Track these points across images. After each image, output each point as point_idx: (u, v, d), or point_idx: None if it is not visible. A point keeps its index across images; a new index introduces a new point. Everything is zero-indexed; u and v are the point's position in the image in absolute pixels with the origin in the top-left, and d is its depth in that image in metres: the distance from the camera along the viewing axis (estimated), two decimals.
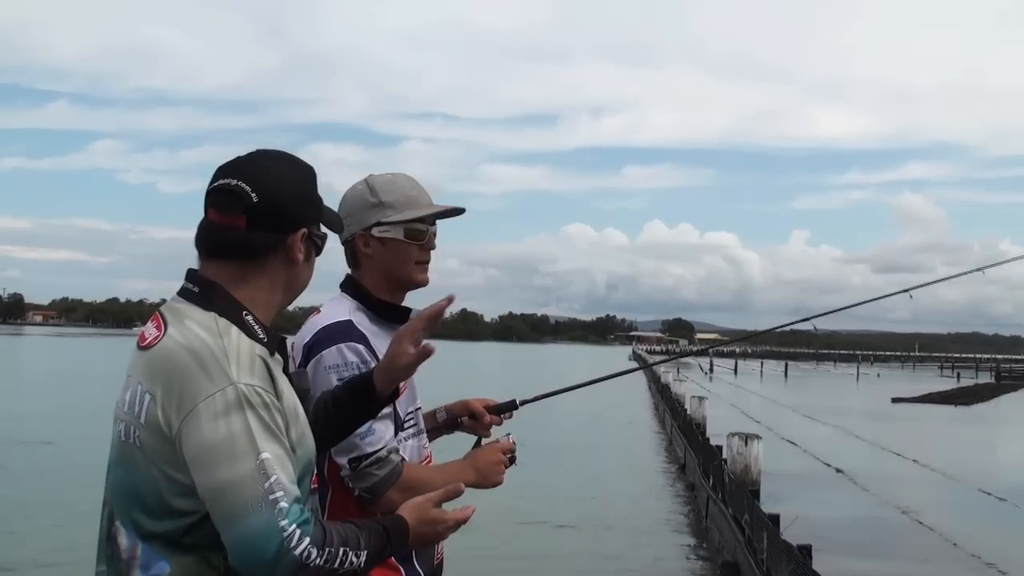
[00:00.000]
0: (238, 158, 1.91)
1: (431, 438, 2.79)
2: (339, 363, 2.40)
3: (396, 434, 2.48)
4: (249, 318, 1.83)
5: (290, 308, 2.14)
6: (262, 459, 1.68)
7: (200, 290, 1.84)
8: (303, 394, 1.95)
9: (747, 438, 13.10)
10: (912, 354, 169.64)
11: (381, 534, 1.85)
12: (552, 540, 13.50)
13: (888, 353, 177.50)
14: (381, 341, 2.46)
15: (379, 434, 2.41)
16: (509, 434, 2.76)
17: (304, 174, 1.94)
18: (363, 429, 2.36)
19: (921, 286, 4.04)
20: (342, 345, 2.43)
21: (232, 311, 1.82)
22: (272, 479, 1.67)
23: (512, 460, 2.68)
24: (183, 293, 1.86)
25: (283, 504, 1.67)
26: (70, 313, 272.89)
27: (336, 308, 2.54)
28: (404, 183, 2.61)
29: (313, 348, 2.44)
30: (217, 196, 1.85)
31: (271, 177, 1.87)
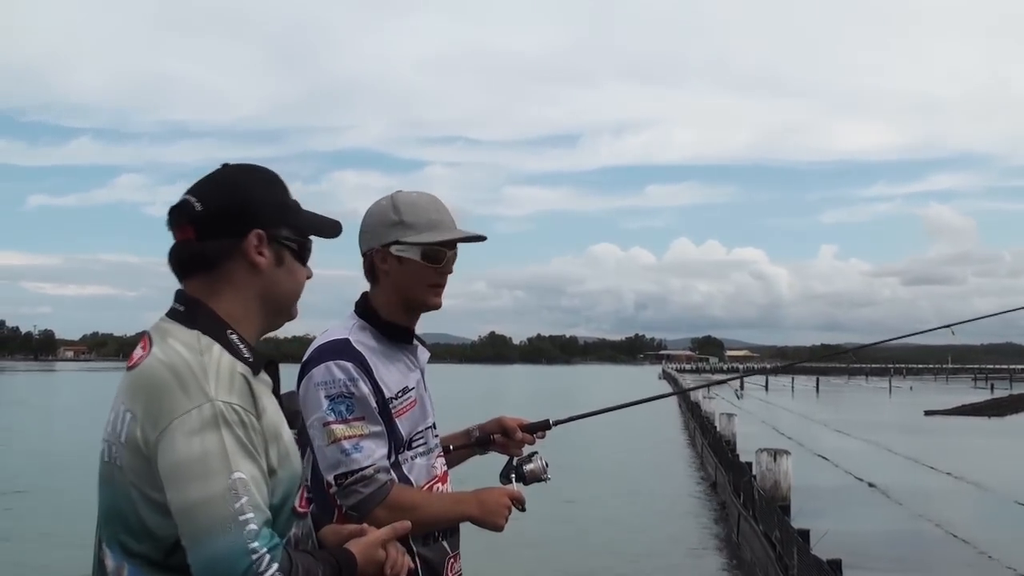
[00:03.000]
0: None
1: (464, 457, 2.83)
2: (327, 380, 2.40)
3: (393, 454, 2.46)
4: (234, 337, 1.80)
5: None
6: (235, 479, 1.64)
7: (185, 309, 1.82)
8: (292, 415, 1.94)
9: (776, 454, 13.07)
10: (945, 366, 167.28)
11: (335, 568, 1.81)
12: (585, 560, 13.48)
13: (921, 366, 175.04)
14: (385, 360, 2.50)
15: (367, 451, 2.39)
16: (537, 452, 2.78)
17: (261, 177, 1.89)
18: (349, 446, 2.36)
19: (962, 321, 3.93)
20: (331, 363, 2.42)
21: (216, 329, 1.79)
22: (243, 500, 1.63)
23: (521, 508, 2.62)
24: (171, 313, 1.84)
25: (253, 526, 1.63)
26: (101, 348, 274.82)
27: (337, 328, 2.55)
28: (428, 205, 2.60)
29: (305, 367, 2.46)
30: (169, 215, 1.85)
31: (218, 184, 1.85)
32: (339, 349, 2.45)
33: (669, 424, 37.79)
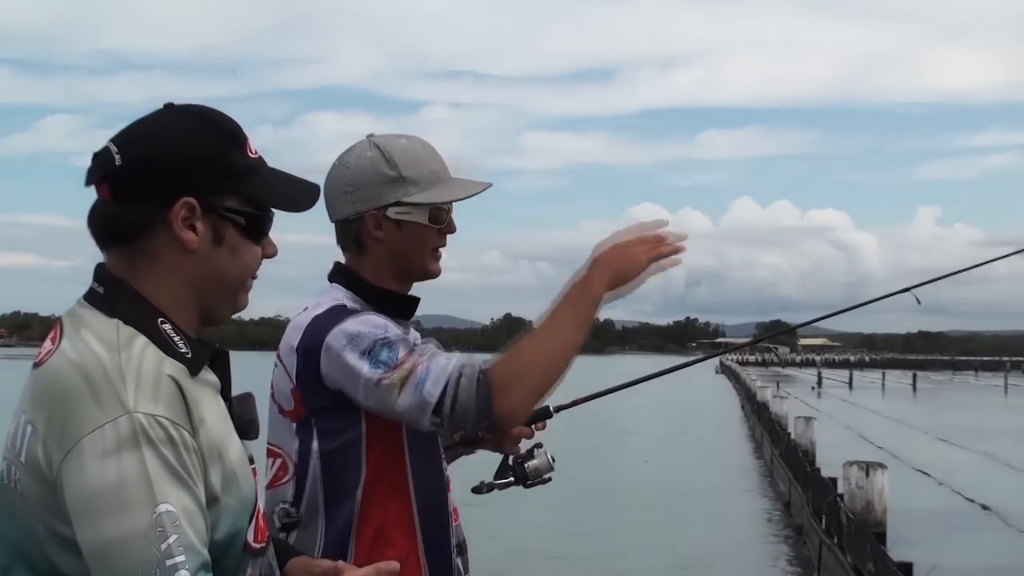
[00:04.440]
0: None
1: (448, 460, 2.83)
2: (352, 338, 2.44)
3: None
4: (166, 327, 1.77)
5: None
6: (160, 512, 1.60)
7: (105, 291, 1.79)
8: (246, 425, 1.88)
9: (868, 467, 12.98)
10: None
11: None
12: None
13: None
14: None
15: (437, 368, 2.42)
16: (541, 444, 2.85)
17: (206, 125, 1.83)
18: (416, 381, 2.40)
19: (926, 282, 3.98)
20: (346, 322, 2.47)
21: (142, 317, 1.76)
22: (172, 538, 1.60)
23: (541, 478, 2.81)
24: (88, 295, 1.81)
25: (185, 572, 1.59)
26: (23, 330, 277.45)
27: (325, 299, 2.60)
28: (424, 153, 2.67)
29: (310, 345, 2.49)
30: (90, 166, 1.81)
31: (150, 132, 1.81)
32: (342, 311, 2.51)
33: (730, 430, 37.81)
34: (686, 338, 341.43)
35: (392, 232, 2.61)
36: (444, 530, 2.64)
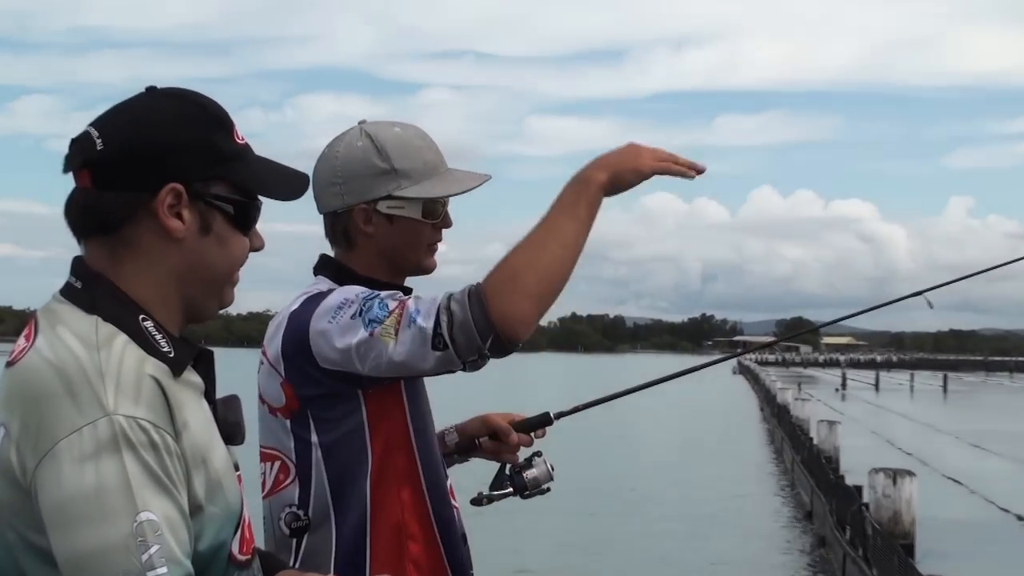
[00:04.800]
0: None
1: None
2: (339, 303, 2.43)
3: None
4: (148, 324, 1.76)
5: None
6: (141, 520, 1.60)
7: (83, 286, 1.79)
8: (232, 429, 1.89)
9: (896, 474, 13.00)
10: None
11: None
12: None
13: None
14: None
15: (426, 301, 2.40)
16: (540, 453, 2.83)
17: (193, 110, 1.84)
18: (407, 318, 2.37)
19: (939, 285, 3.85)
20: (324, 301, 2.46)
21: (123, 314, 1.75)
22: (153, 549, 1.59)
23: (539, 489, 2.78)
24: (65, 290, 1.80)
25: None
26: None
27: (310, 291, 2.58)
28: (418, 142, 2.65)
29: (297, 334, 2.47)
30: (68, 152, 1.80)
31: (134, 116, 1.81)
32: (321, 293, 2.50)
33: (748, 433, 37.84)
34: (701, 336, 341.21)
35: (383, 227, 2.60)
36: (452, 518, 2.64)
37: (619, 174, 2.50)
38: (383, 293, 2.45)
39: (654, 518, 20.27)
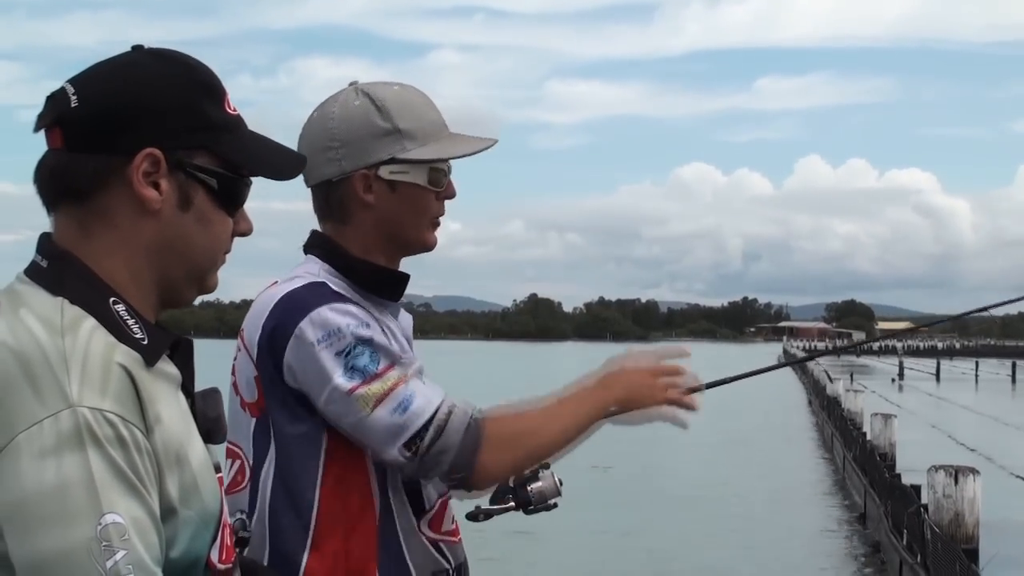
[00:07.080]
0: None
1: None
2: (328, 331, 2.41)
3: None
4: (119, 307, 1.75)
5: None
6: (106, 523, 1.58)
7: (49, 264, 1.77)
8: (212, 424, 1.88)
9: (957, 473, 12.98)
10: None
11: None
12: None
13: None
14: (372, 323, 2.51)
15: (422, 395, 2.44)
16: (548, 465, 2.82)
17: (178, 71, 1.82)
18: (396, 401, 2.41)
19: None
20: (323, 308, 2.43)
21: (91, 296, 1.74)
22: (119, 555, 1.57)
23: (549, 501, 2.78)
24: (30, 269, 1.79)
25: None
26: None
27: (299, 272, 2.57)
28: (420, 102, 2.64)
29: (279, 327, 2.45)
30: (42, 110, 1.79)
31: (114, 73, 1.80)
32: (324, 292, 2.47)
33: (794, 428, 37.81)
34: (743, 322, 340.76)
35: (384, 195, 2.57)
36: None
37: (635, 400, 2.69)
38: (377, 338, 2.45)
39: (692, 518, 20.33)
